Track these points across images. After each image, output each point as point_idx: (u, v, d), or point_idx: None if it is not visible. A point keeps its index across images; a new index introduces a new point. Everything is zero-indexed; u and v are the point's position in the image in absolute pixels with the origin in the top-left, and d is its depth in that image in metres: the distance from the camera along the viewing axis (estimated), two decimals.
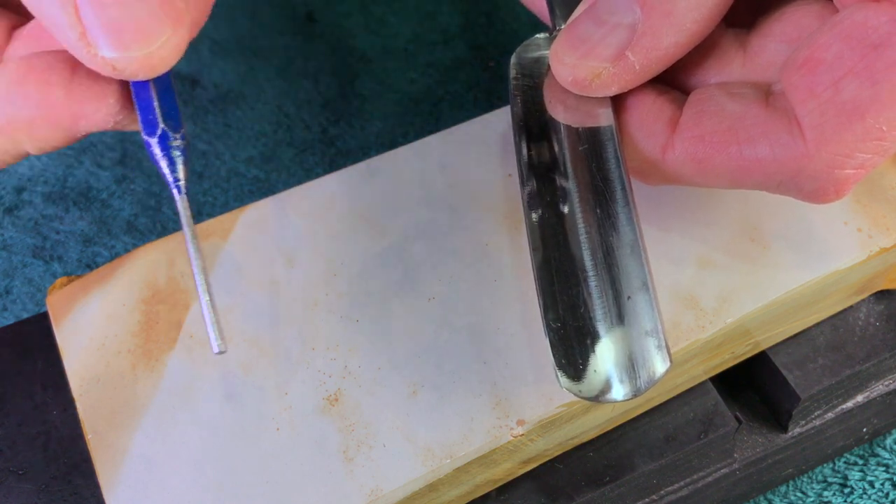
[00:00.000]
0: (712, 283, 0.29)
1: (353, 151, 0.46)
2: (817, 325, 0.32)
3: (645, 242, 0.24)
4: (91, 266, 0.43)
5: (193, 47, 0.51)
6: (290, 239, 0.30)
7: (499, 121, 0.33)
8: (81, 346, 0.28)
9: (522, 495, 0.29)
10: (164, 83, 0.26)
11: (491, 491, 0.29)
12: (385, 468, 0.26)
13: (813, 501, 0.35)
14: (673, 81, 0.26)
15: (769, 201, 0.30)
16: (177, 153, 0.26)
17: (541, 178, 0.25)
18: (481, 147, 0.32)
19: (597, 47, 0.24)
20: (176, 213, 0.44)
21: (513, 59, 0.28)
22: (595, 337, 0.22)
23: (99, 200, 0.45)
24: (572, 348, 0.22)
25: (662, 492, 0.31)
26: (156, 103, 0.26)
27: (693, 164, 0.24)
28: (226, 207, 0.44)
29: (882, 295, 0.32)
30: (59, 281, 0.30)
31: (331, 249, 0.30)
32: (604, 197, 0.24)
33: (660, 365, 0.22)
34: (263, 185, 0.45)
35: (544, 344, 0.27)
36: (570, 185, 0.24)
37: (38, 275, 0.42)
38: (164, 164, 0.26)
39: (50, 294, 0.29)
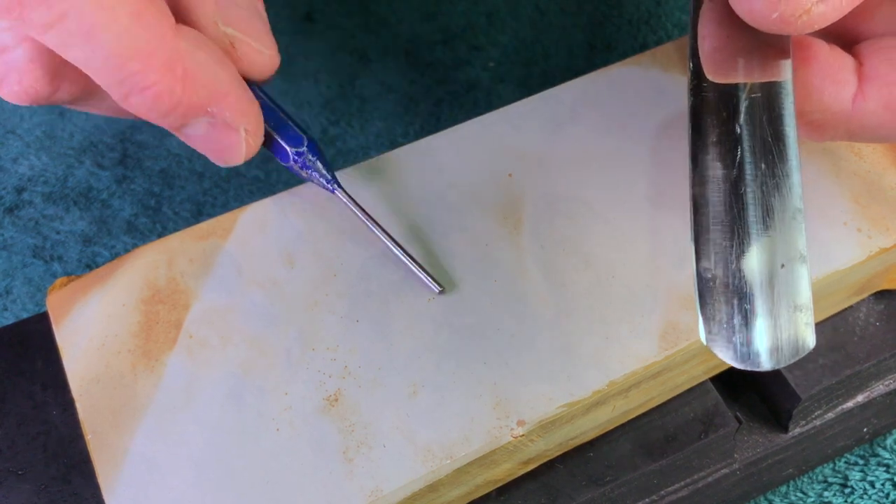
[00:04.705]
0: None
1: (353, 151, 0.46)
2: (817, 325, 0.32)
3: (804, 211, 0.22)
4: (91, 266, 0.43)
5: None
6: (290, 239, 0.30)
7: (499, 121, 0.33)
8: (81, 346, 0.28)
9: (522, 495, 0.29)
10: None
11: (491, 491, 0.29)
12: (385, 468, 0.26)
13: (813, 502, 0.35)
14: (836, 32, 0.26)
15: None
16: (311, 158, 0.29)
17: (711, 126, 0.24)
18: (481, 147, 0.32)
19: None
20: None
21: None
22: (743, 299, 0.21)
23: (99, 200, 0.45)
24: (719, 304, 0.22)
25: (662, 492, 0.31)
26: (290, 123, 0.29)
27: (888, 113, 0.23)
28: (226, 207, 0.44)
29: (882, 295, 0.32)
30: (59, 281, 0.30)
31: (331, 249, 0.30)
32: (772, 155, 0.23)
33: (807, 342, 0.21)
34: (263, 185, 0.45)
35: (544, 344, 0.28)
36: (743, 135, 0.23)
37: (38, 275, 0.42)
38: (315, 175, 0.29)
39: (50, 294, 0.29)
